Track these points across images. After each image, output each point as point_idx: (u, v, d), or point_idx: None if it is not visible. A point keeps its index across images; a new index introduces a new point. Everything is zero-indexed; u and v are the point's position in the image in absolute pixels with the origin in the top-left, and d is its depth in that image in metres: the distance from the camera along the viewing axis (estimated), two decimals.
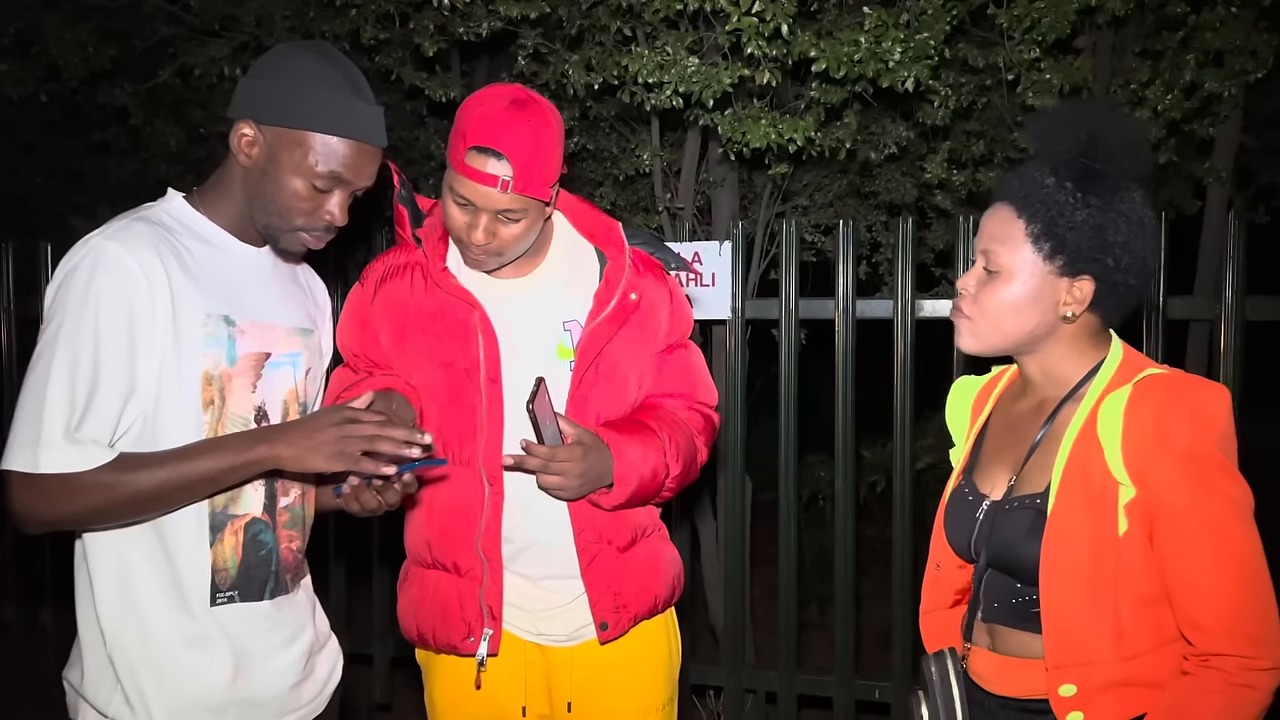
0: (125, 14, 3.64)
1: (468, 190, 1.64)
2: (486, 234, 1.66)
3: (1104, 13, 2.85)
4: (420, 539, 1.82)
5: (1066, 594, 1.36)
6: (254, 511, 1.54)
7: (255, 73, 1.53)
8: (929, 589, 1.62)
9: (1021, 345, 1.45)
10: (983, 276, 1.44)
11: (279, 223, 1.52)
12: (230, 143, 1.52)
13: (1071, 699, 1.35)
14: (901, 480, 2.91)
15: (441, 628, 1.79)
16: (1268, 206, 4.45)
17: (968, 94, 3.06)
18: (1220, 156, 3.52)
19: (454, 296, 1.74)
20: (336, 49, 1.56)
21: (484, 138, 1.62)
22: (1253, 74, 3.05)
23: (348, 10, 3.20)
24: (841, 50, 2.61)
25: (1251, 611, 1.30)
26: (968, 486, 1.53)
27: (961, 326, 1.47)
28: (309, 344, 1.65)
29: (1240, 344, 2.70)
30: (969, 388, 1.67)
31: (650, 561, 1.86)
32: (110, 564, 1.47)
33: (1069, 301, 1.41)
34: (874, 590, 3.55)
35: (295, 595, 1.63)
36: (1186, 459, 1.31)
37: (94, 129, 4.17)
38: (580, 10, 2.99)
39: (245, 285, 1.56)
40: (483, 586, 1.76)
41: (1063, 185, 1.39)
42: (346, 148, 1.49)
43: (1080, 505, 1.36)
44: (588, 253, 1.84)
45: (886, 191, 3.53)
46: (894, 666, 2.94)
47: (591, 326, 1.75)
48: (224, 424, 1.49)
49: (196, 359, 1.46)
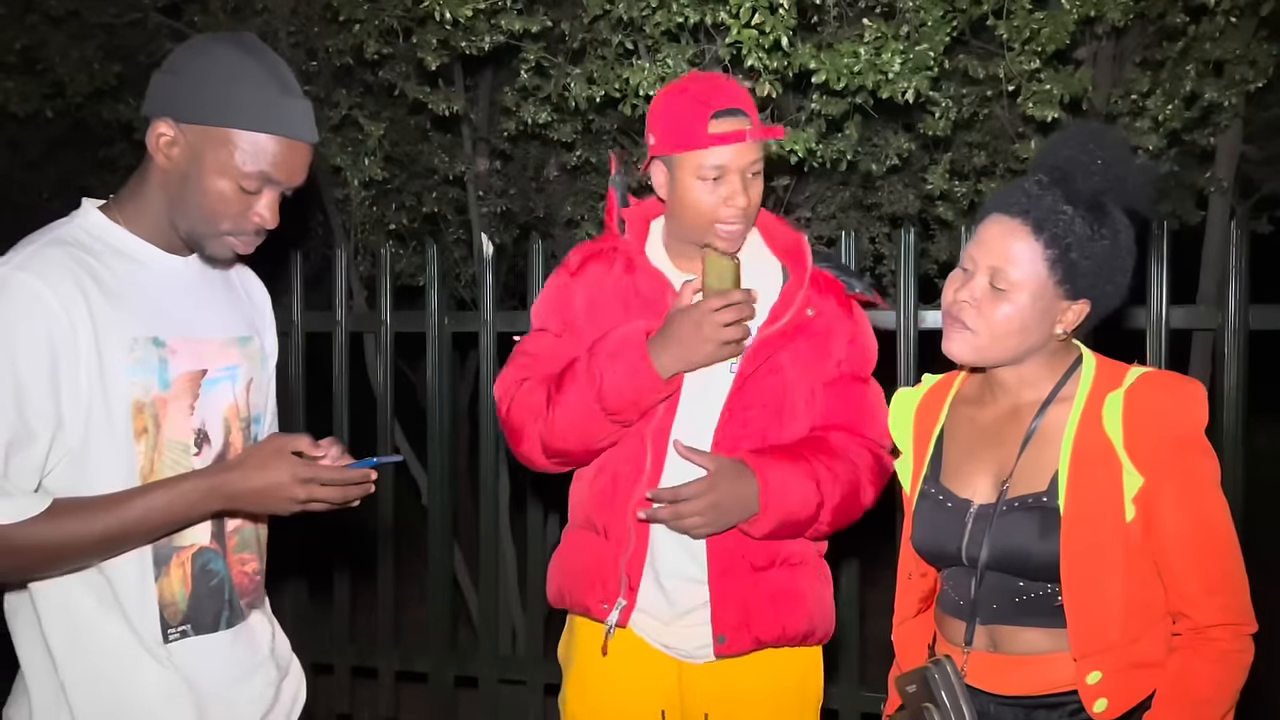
0: (130, 31, 3.66)
1: (721, 156, 1.72)
2: (745, 195, 1.74)
3: (1103, 23, 2.86)
4: (580, 498, 1.88)
5: (1089, 585, 1.41)
6: (201, 541, 1.46)
7: (171, 66, 1.43)
8: (902, 599, 1.67)
9: (1015, 357, 1.50)
10: (988, 291, 1.45)
11: (204, 228, 1.42)
12: (147, 143, 1.41)
13: (1097, 685, 1.40)
14: None
15: (580, 587, 1.83)
16: (1270, 216, 4.44)
17: (968, 105, 3.07)
18: (1222, 166, 3.52)
19: (651, 277, 1.82)
20: (260, 41, 1.46)
21: (721, 101, 1.74)
22: (1253, 83, 3.05)
23: (351, 25, 3.22)
24: (841, 62, 2.62)
25: (1236, 582, 1.41)
26: (940, 493, 1.55)
27: (960, 336, 1.48)
28: (248, 352, 1.56)
29: (1243, 354, 2.70)
30: (909, 399, 1.71)
31: (787, 590, 1.82)
32: (55, 597, 1.38)
33: (1063, 321, 1.48)
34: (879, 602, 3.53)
35: (251, 621, 1.54)
36: (1182, 443, 1.41)
37: (99, 146, 4.18)
38: (582, 24, 3.00)
39: (173, 300, 1.46)
40: (625, 554, 1.78)
41: (1080, 215, 1.43)
42: (275, 145, 1.39)
43: (1092, 499, 1.42)
44: (773, 267, 1.88)
45: (889, 203, 3.53)
46: None
47: (763, 335, 1.78)
48: (160, 452, 1.41)
49: (124, 387, 1.37)
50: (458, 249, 4.11)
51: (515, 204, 3.92)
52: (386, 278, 3.29)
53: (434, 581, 3.30)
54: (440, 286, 3.24)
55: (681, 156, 1.75)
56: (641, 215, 1.91)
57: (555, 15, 3.06)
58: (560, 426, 1.76)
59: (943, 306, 1.51)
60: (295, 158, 1.42)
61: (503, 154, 3.87)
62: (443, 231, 4.07)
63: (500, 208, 3.87)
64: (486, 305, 3.16)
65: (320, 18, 3.35)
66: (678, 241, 1.86)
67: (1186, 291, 3.03)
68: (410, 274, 3.96)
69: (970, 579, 1.49)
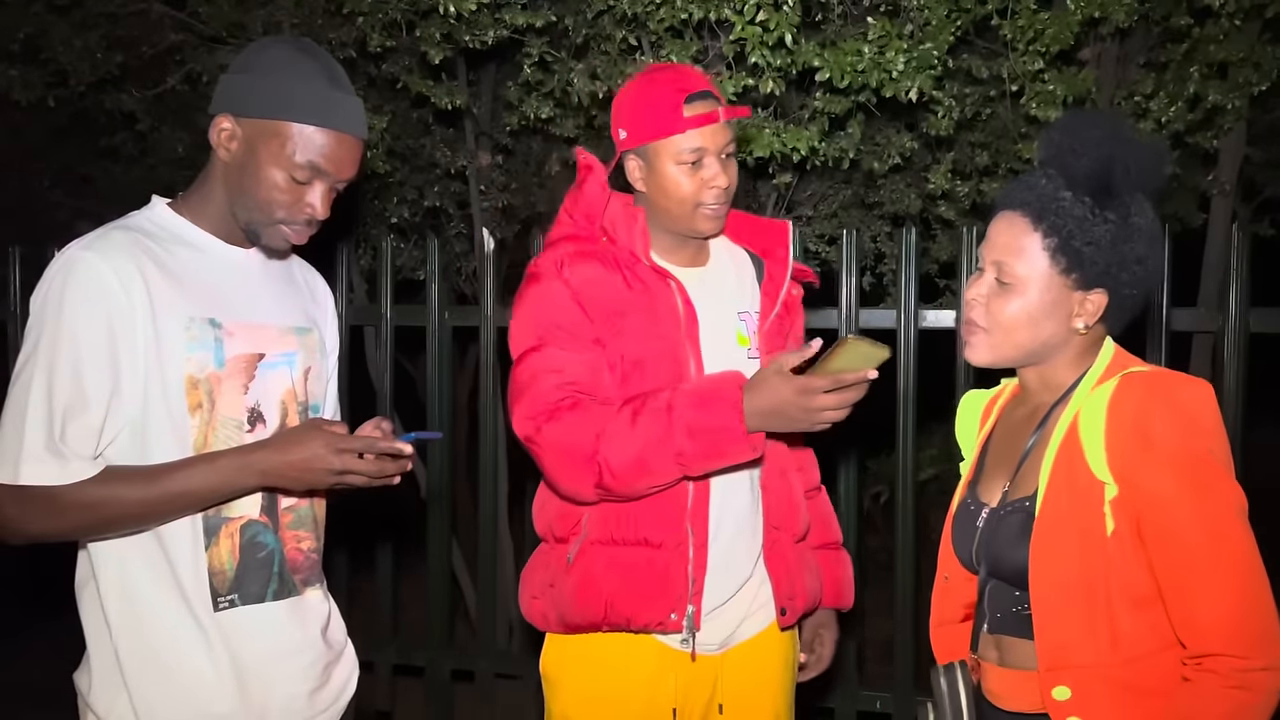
0: (133, 21, 3.65)
1: (697, 139, 1.74)
2: (725, 175, 1.76)
3: (1108, 24, 2.85)
4: (615, 515, 1.77)
5: (1056, 595, 1.35)
6: (250, 514, 1.53)
7: (234, 68, 1.52)
8: (939, 601, 1.61)
9: (1034, 356, 1.44)
10: (995, 288, 1.43)
11: (259, 217, 1.50)
12: (210, 138, 1.51)
13: (1067, 703, 1.33)
14: (904, 491, 2.90)
15: (643, 605, 1.75)
16: (1272, 219, 4.44)
17: (972, 105, 3.07)
18: (1224, 169, 3.51)
19: (655, 275, 1.81)
20: (315, 44, 1.56)
21: (691, 85, 1.76)
22: (1256, 86, 3.04)
23: (354, 18, 3.21)
24: (845, 60, 2.62)
25: (1246, 611, 1.29)
26: (970, 498, 1.53)
27: (974, 338, 1.45)
28: (306, 342, 1.64)
29: (1244, 356, 2.70)
30: (976, 401, 1.66)
31: (813, 562, 1.96)
32: (113, 570, 1.47)
33: (1081, 314, 1.41)
34: (877, 601, 3.54)
35: (306, 598, 1.61)
36: (1173, 458, 1.30)
37: (101, 135, 4.18)
38: (586, 19, 3.00)
39: (233, 287, 1.55)
40: (690, 560, 1.75)
41: (1080, 200, 1.37)
42: (324, 138, 1.48)
43: (1066, 506, 1.35)
44: (741, 254, 1.96)
45: (891, 202, 3.53)
46: (897, 677, 2.93)
47: (770, 321, 1.87)
48: (214, 427, 1.48)
49: (180, 363, 1.45)
50: (459, 243, 4.11)
51: (517, 199, 3.91)
52: (387, 271, 3.30)
53: (432, 575, 3.30)
54: (441, 281, 3.24)
55: (658, 145, 1.76)
56: (630, 214, 1.85)
57: (559, 10, 3.06)
58: (618, 466, 1.65)
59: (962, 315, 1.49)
60: (344, 151, 1.50)
61: (505, 149, 3.86)
62: (444, 226, 4.07)
63: (502, 203, 3.87)
64: (487, 300, 3.16)
65: (324, 10, 3.34)
66: (660, 233, 1.84)
67: (1188, 294, 3.03)
68: (411, 268, 3.96)
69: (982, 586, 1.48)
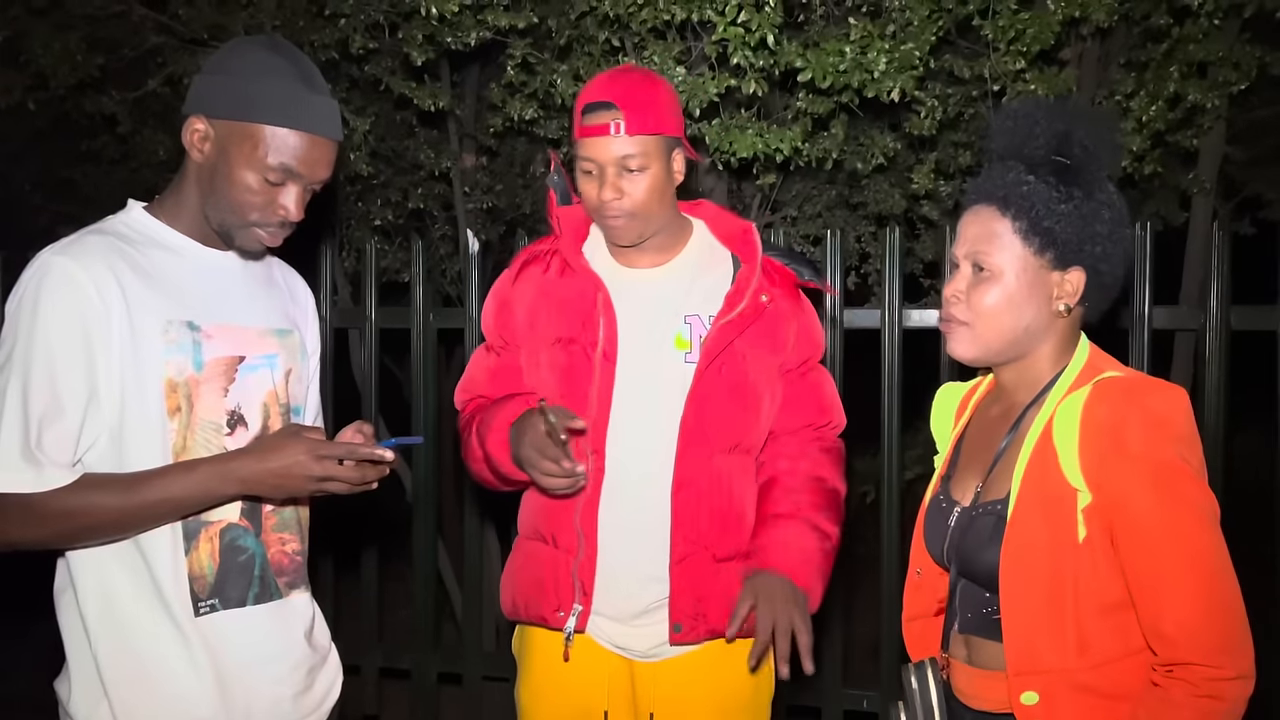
0: (114, 23, 3.64)
1: (588, 149, 1.72)
2: (613, 189, 1.72)
3: (1088, 24, 2.87)
4: (528, 510, 1.87)
5: (1025, 600, 1.35)
6: (229, 517, 1.52)
7: (208, 68, 1.51)
8: (910, 596, 1.62)
9: (1017, 345, 1.43)
10: (972, 280, 1.43)
11: (232, 219, 1.49)
12: (183, 140, 1.49)
13: (1034, 708, 1.33)
14: (889, 490, 2.91)
15: (535, 598, 1.80)
16: (1252, 217, 4.47)
17: (954, 105, 3.08)
18: (1205, 168, 3.54)
19: (583, 278, 1.80)
20: (290, 44, 1.54)
21: (591, 96, 1.73)
22: (1236, 85, 3.07)
23: (337, 20, 3.21)
24: (827, 61, 2.62)
25: (1216, 619, 1.28)
26: (943, 494, 1.53)
27: (957, 333, 1.44)
28: (287, 344, 1.62)
29: (1225, 354, 2.72)
30: (953, 394, 1.66)
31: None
32: (92, 576, 1.45)
33: (1061, 295, 1.41)
34: (862, 600, 3.55)
35: (291, 600, 1.59)
36: (1146, 465, 1.29)
37: (83, 138, 4.16)
38: (569, 21, 3.00)
39: (211, 289, 1.53)
40: (577, 560, 1.76)
41: (1044, 180, 1.39)
42: (297, 139, 1.46)
43: (1038, 510, 1.35)
44: (723, 257, 1.89)
45: (875, 202, 3.54)
46: (882, 676, 2.94)
47: (719, 325, 1.78)
48: (193, 430, 1.47)
49: (158, 367, 1.44)
50: (443, 245, 4.10)
51: (501, 200, 3.91)
52: (371, 273, 3.28)
53: (418, 578, 3.29)
54: (425, 282, 3.23)
55: (576, 151, 1.78)
56: (579, 214, 1.87)
57: (542, 11, 3.06)
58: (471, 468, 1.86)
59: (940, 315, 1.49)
60: (317, 153, 1.48)
61: (489, 150, 3.86)
62: (428, 227, 4.06)
63: (486, 204, 3.86)
64: (472, 302, 3.15)
65: (306, 12, 3.33)
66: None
67: (1169, 292, 3.05)
68: (395, 270, 3.95)
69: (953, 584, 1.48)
